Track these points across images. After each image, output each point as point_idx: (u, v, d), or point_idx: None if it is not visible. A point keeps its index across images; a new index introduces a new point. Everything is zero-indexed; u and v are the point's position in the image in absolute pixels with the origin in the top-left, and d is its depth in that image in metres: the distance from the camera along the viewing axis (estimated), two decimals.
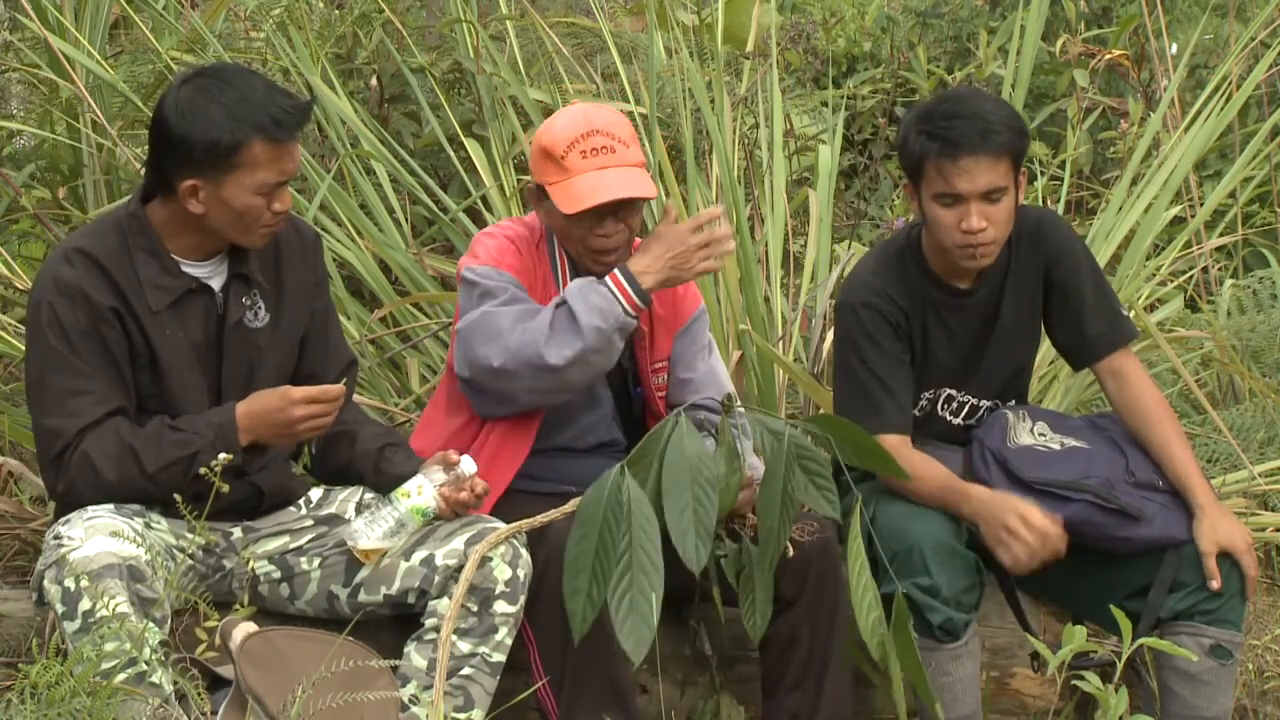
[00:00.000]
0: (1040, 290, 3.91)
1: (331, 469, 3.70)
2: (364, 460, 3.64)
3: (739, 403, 3.45)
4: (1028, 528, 3.68)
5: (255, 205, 3.39)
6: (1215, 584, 3.73)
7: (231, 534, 3.57)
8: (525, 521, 3.52)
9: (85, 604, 3.19)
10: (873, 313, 3.81)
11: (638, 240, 3.74)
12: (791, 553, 3.47)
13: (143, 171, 3.56)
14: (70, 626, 3.21)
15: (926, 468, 3.78)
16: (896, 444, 3.72)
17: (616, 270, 3.60)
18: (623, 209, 3.64)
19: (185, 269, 3.48)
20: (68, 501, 3.40)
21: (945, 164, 3.67)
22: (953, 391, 3.92)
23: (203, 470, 3.30)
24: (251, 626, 3.33)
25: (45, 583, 3.26)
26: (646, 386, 3.82)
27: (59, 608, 3.22)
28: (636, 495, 3.06)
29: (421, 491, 3.50)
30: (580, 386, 3.65)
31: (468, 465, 3.53)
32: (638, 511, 3.05)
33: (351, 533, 3.50)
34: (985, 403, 3.94)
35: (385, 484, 3.58)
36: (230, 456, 3.28)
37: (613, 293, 3.56)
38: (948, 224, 3.71)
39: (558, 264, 3.75)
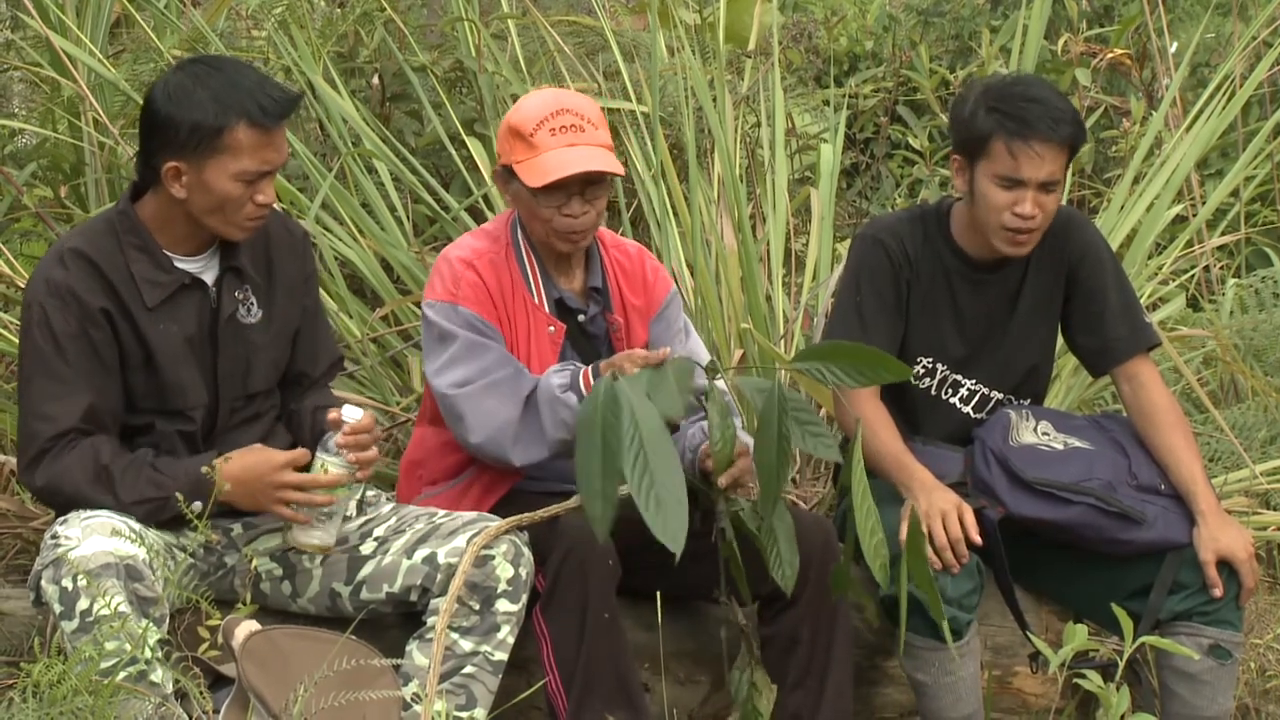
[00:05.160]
0: (1061, 287, 3.91)
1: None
2: (300, 429, 3.62)
3: (720, 371, 3.46)
4: (948, 524, 3.67)
5: (236, 193, 3.38)
6: (1217, 592, 3.73)
7: (232, 530, 3.57)
8: (525, 516, 3.52)
9: (83, 603, 3.18)
10: (880, 250, 3.84)
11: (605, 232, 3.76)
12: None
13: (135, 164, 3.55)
14: (68, 626, 3.20)
15: (888, 431, 3.78)
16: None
17: (590, 372, 3.60)
18: (589, 189, 3.65)
19: (178, 264, 3.48)
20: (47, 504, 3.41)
21: (1017, 145, 3.67)
22: (959, 377, 3.92)
23: (204, 469, 3.32)
24: (254, 625, 3.34)
25: (43, 582, 3.26)
26: None
27: (57, 608, 3.22)
28: (635, 395, 3.05)
29: (327, 468, 3.43)
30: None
31: (351, 414, 3.46)
32: (640, 409, 3.03)
33: (292, 537, 3.46)
34: (997, 394, 3.94)
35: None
36: (198, 507, 3.29)
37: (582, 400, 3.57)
38: (1000, 204, 3.71)
39: (528, 269, 3.74)
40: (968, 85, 3.92)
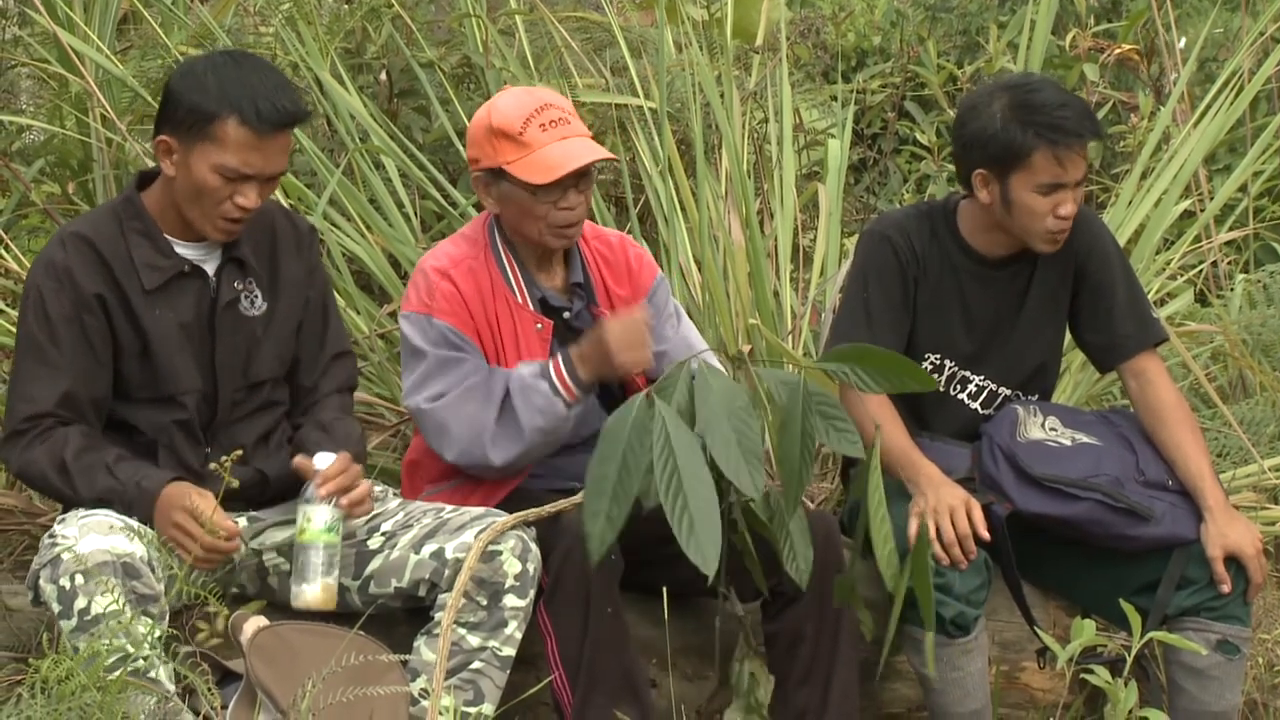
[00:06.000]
0: (1069, 283, 3.91)
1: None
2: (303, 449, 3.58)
3: (745, 361, 3.46)
4: (956, 520, 3.67)
5: (213, 184, 3.39)
6: (1225, 588, 3.73)
7: (238, 525, 3.57)
8: (531, 511, 3.52)
9: (81, 602, 3.19)
10: (887, 246, 3.84)
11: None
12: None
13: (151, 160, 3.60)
14: (67, 625, 3.21)
15: (895, 427, 3.78)
16: None
17: (560, 359, 3.61)
18: (581, 180, 3.67)
19: (178, 250, 3.50)
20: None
21: (1062, 152, 3.68)
22: (967, 373, 3.91)
23: (212, 466, 3.33)
24: (262, 620, 3.34)
25: (41, 582, 3.27)
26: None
27: (55, 607, 3.22)
28: (672, 418, 3.04)
29: (311, 518, 3.42)
30: (539, 458, 3.69)
31: (322, 461, 3.46)
32: (676, 433, 3.01)
33: (297, 594, 3.43)
34: (1005, 390, 3.93)
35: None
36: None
37: (554, 387, 3.58)
38: (1044, 210, 3.72)
39: (508, 270, 3.73)
40: (974, 96, 3.90)
